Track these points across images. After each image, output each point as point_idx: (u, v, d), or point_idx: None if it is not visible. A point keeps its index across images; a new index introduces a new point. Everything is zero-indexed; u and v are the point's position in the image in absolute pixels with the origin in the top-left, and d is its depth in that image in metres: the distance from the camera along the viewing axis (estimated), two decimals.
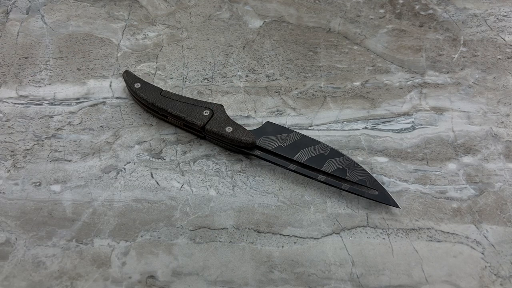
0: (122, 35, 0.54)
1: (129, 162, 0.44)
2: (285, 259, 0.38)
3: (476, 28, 0.55)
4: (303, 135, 0.43)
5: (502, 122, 0.47)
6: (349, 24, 0.56)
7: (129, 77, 0.47)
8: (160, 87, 0.46)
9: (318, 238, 0.39)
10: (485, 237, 0.39)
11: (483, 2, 0.58)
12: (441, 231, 0.40)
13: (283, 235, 0.39)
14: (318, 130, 0.46)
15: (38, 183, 0.42)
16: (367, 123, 0.47)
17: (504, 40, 0.54)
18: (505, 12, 0.57)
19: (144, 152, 0.45)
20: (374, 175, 0.42)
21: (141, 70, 0.51)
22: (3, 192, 0.42)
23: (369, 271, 0.38)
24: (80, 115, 0.47)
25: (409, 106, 0.48)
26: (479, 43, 0.54)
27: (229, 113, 0.47)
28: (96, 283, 0.37)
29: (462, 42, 0.54)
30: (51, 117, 0.47)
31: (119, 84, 0.50)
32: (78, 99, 0.49)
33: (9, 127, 0.46)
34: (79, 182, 0.42)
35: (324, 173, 0.41)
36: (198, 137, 0.46)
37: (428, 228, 0.40)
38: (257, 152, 0.43)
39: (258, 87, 0.50)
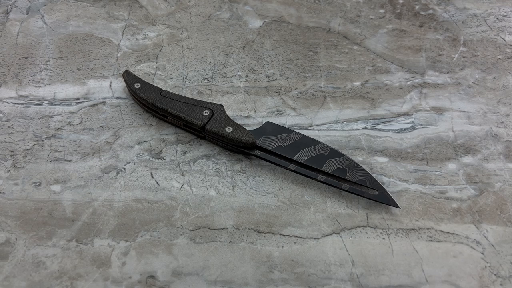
0: (122, 35, 0.54)
1: (129, 162, 0.44)
2: (285, 259, 0.38)
3: (476, 28, 0.55)
4: (303, 135, 0.43)
5: (502, 122, 0.47)
6: (349, 24, 0.56)
7: (129, 77, 0.47)
8: (160, 87, 0.46)
9: (318, 238, 0.39)
10: (485, 237, 0.39)
11: (483, 2, 0.58)
12: (441, 231, 0.40)
13: (283, 235, 0.39)
14: (318, 130, 0.46)
15: (38, 183, 0.42)
16: (367, 123, 0.47)
17: (504, 40, 0.54)
18: (505, 12, 0.57)
19: (144, 152, 0.45)
20: (374, 175, 0.42)
21: (141, 70, 0.51)
22: (3, 192, 0.42)
23: (369, 271, 0.38)
24: (80, 115, 0.47)
25: (409, 106, 0.48)
26: (479, 43, 0.54)
27: (229, 113, 0.47)
28: (96, 283, 0.37)
29: (462, 42, 0.54)
30: (51, 117, 0.47)
31: (119, 84, 0.50)
32: (78, 99, 0.49)
33: (9, 127, 0.46)
34: (79, 182, 0.42)
35: (324, 173, 0.41)
36: (198, 137, 0.46)
37: (428, 228, 0.40)
38: (257, 152, 0.43)
39: (258, 87, 0.50)
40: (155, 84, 0.49)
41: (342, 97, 0.49)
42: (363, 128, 0.47)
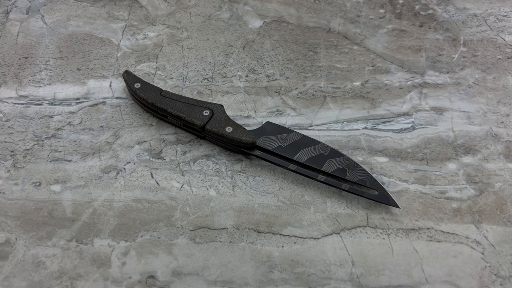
0: (122, 35, 0.54)
1: (129, 162, 0.44)
2: (285, 259, 0.38)
3: (476, 28, 0.55)
4: (303, 135, 0.43)
5: (502, 122, 0.47)
6: (349, 24, 0.56)
7: (129, 77, 0.47)
8: (160, 87, 0.46)
9: (318, 238, 0.39)
10: (485, 237, 0.39)
11: (483, 2, 0.58)
12: (441, 231, 0.40)
13: (283, 235, 0.39)
14: (318, 130, 0.47)
15: (38, 183, 0.42)
16: (367, 123, 0.47)
17: (504, 40, 0.54)
18: (505, 12, 0.57)
19: (144, 152, 0.45)
20: (374, 175, 0.42)
21: (141, 70, 0.51)
22: (3, 192, 0.42)
23: (369, 271, 0.38)
24: (80, 115, 0.47)
25: (409, 106, 0.48)
26: (479, 43, 0.54)
27: (229, 113, 0.47)
28: (96, 283, 0.37)
29: (462, 42, 0.54)
30: (51, 117, 0.47)
31: (119, 84, 0.50)
32: (78, 99, 0.49)
33: (9, 127, 0.46)
34: (79, 182, 0.42)
35: (324, 173, 0.41)
36: (198, 137, 0.46)
37: (428, 228, 0.40)
38: (257, 152, 0.43)
39: (258, 87, 0.50)
40: (155, 84, 0.49)
41: (342, 97, 0.49)
42: (363, 128, 0.47)
